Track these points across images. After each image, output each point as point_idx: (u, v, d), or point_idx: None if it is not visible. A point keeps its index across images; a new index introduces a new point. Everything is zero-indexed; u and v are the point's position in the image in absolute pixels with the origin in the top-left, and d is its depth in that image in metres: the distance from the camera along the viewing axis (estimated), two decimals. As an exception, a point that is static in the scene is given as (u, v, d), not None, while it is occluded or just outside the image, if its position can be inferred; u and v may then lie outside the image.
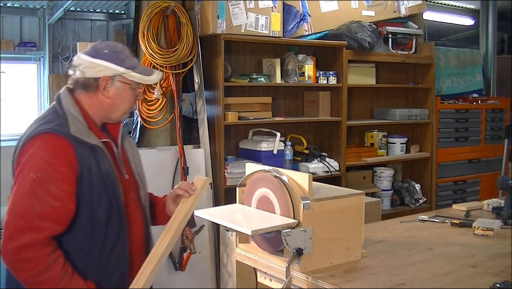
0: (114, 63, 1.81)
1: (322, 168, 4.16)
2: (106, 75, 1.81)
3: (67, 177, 1.69)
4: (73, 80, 1.86)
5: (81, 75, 1.81)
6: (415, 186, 4.83)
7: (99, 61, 1.80)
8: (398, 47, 4.64)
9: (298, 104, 4.42)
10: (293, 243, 1.71)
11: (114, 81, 1.83)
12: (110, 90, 1.83)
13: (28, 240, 1.61)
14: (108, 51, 1.83)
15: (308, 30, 4.09)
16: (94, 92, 1.82)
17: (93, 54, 1.82)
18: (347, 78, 4.26)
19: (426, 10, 4.91)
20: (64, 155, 1.69)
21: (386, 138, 4.73)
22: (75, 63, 1.85)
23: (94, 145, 1.77)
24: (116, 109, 1.87)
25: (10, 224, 1.63)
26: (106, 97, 1.83)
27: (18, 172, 1.70)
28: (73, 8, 6.41)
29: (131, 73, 1.84)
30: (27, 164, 1.68)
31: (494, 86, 6.40)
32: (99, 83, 1.81)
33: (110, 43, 1.95)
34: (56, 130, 1.71)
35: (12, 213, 1.65)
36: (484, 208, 2.82)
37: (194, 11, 3.76)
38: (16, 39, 6.28)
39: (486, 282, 1.71)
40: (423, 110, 4.85)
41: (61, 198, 1.67)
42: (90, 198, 1.74)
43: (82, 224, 1.74)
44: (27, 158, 1.69)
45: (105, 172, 1.78)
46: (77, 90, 1.84)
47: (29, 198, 1.64)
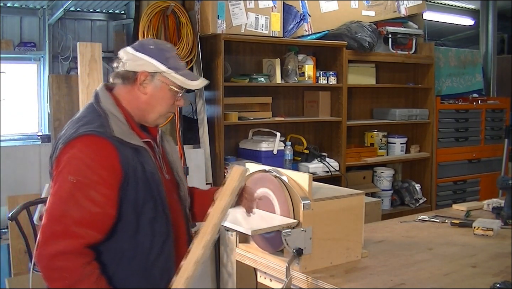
0: (157, 60, 1.73)
1: (322, 168, 4.16)
2: (145, 70, 1.73)
3: (108, 181, 1.60)
4: (114, 73, 1.79)
5: (122, 67, 1.75)
6: (415, 186, 4.83)
7: (141, 55, 1.73)
8: (398, 47, 4.64)
9: (298, 104, 4.42)
10: (293, 243, 1.71)
11: (153, 79, 1.74)
12: (148, 87, 1.74)
13: (63, 247, 1.53)
14: (154, 47, 1.76)
15: (308, 30, 4.09)
16: (131, 86, 1.74)
17: (137, 48, 1.76)
18: (347, 78, 4.26)
19: (426, 10, 4.91)
20: (106, 158, 1.61)
21: (386, 138, 4.74)
22: (119, 56, 1.78)
23: (137, 146, 1.70)
24: (152, 110, 1.77)
25: (47, 228, 1.56)
26: (142, 93, 1.74)
27: (57, 174, 1.62)
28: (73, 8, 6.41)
29: (173, 74, 1.74)
30: (67, 167, 1.60)
31: (494, 86, 6.39)
32: (137, 77, 1.73)
33: (159, 41, 1.90)
34: (98, 132, 1.63)
35: (49, 218, 1.58)
36: (484, 208, 2.82)
37: (194, 11, 3.76)
38: (16, 39, 6.27)
39: (486, 282, 1.71)
40: (423, 110, 4.85)
41: (101, 203, 1.59)
42: (135, 201, 1.65)
43: (126, 229, 1.65)
44: (67, 160, 1.61)
45: (150, 173, 1.70)
46: (117, 85, 1.78)
47: (67, 203, 1.57)
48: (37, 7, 6.28)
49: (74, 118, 1.74)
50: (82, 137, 1.62)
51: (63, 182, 1.59)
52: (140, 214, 1.66)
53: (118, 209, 1.62)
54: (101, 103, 1.73)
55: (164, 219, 1.72)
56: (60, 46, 6.42)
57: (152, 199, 1.69)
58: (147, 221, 1.67)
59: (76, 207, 1.56)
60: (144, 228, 1.67)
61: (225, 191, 1.76)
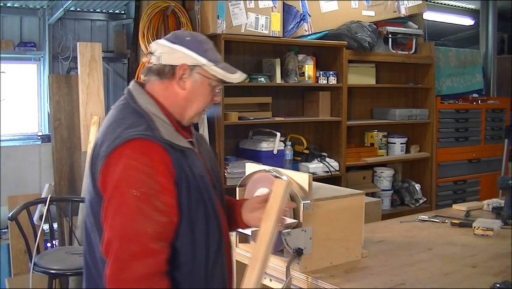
0: (196, 52, 1.59)
1: (322, 168, 4.16)
2: (184, 63, 1.58)
3: (168, 187, 1.47)
4: (146, 68, 1.64)
5: (157, 62, 1.60)
6: (415, 186, 4.83)
7: (178, 47, 1.59)
8: (398, 47, 4.65)
9: (298, 104, 4.42)
10: (293, 243, 1.71)
11: (192, 72, 1.60)
12: (187, 82, 1.60)
13: (146, 268, 1.38)
14: (191, 38, 1.63)
15: (308, 30, 4.09)
16: (169, 80, 1.60)
17: (173, 40, 1.61)
18: (347, 78, 4.26)
19: (426, 10, 4.91)
20: (161, 163, 1.46)
21: (386, 138, 4.74)
22: (151, 49, 1.63)
23: (185, 148, 1.56)
24: (190, 106, 1.62)
25: (122, 251, 1.38)
26: (181, 88, 1.60)
27: (113, 188, 1.44)
28: (73, 8, 6.41)
29: (213, 67, 1.61)
30: (123, 179, 1.43)
31: (494, 86, 6.39)
32: (176, 71, 1.58)
33: (194, 32, 1.75)
34: (148, 136, 1.47)
35: (122, 239, 1.39)
36: (484, 208, 2.82)
37: (194, 11, 3.76)
38: (16, 39, 6.28)
39: (486, 282, 1.71)
40: (423, 110, 4.85)
41: (166, 212, 1.45)
42: (188, 207, 1.51)
43: (184, 237, 1.51)
44: (121, 171, 1.43)
45: (199, 176, 1.56)
46: (150, 81, 1.63)
47: (137, 219, 1.40)
48: (37, 7, 6.29)
49: (111, 122, 1.56)
50: (131, 142, 1.46)
51: (124, 196, 1.42)
52: (194, 221, 1.53)
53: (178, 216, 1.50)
54: (139, 102, 1.58)
55: (216, 225, 1.59)
56: (60, 46, 6.42)
57: (204, 203, 1.56)
58: (201, 228, 1.54)
59: (148, 221, 1.41)
60: (199, 236, 1.54)
61: (271, 210, 1.62)
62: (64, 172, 3.96)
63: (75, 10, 6.53)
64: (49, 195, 3.35)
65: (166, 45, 1.60)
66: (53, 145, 3.99)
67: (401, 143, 4.79)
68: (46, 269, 2.84)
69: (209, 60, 1.61)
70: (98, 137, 1.55)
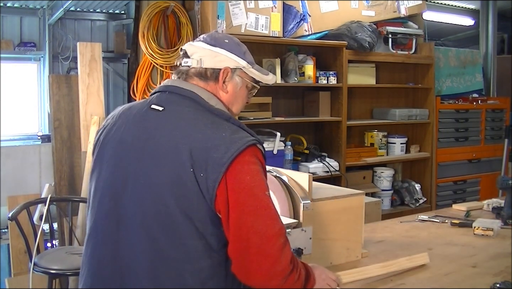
0: (237, 54, 1.61)
1: (322, 168, 4.16)
2: (227, 66, 1.59)
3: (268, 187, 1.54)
4: (182, 72, 1.60)
5: (197, 65, 1.57)
6: (415, 186, 4.83)
7: (220, 50, 1.59)
8: (398, 47, 4.65)
9: (298, 104, 4.42)
10: (293, 243, 1.71)
11: (234, 75, 1.61)
12: (229, 85, 1.60)
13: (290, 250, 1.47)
14: (229, 41, 1.63)
15: (308, 30, 4.09)
16: (213, 84, 1.59)
17: (212, 43, 1.60)
18: (347, 78, 4.26)
19: (426, 10, 4.91)
20: (265, 165, 1.54)
21: (386, 138, 4.73)
22: (188, 52, 1.60)
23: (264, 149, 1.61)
24: (231, 109, 1.65)
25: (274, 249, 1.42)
26: (224, 91, 1.60)
27: (247, 194, 1.43)
28: (73, 8, 6.42)
29: (251, 69, 1.64)
30: (254, 184, 1.45)
31: (494, 86, 6.40)
32: (220, 74, 1.58)
33: (228, 34, 1.73)
34: (255, 140, 1.51)
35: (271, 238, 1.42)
36: (484, 208, 2.82)
37: (194, 11, 3.76)
38: (16, 39, 6.28)
39: (486, 282, 1.71)
40: (423, 110, 4.85)
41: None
42: None
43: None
44: (251, 177, 1.45)
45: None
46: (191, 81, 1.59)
47: (275, 217, 1.46)
48: (37, 7, 6.29)
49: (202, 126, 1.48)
50: (248, 149, 1.47)
51: (261, 200, 1.44)
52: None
53: None
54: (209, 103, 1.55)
55: None
56: (60, 46, 6.43)
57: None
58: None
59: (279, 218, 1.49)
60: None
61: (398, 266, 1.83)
62: (64, 172, 3.96)
63: (75, 10, 6.53)
64: (49, 195, 3.35)
65: (207, 48, 1.58)
66: (53, 145, 3.99)
67: (401, 143, 4.79)
68: (46, 269, 2.84)
69: (248, 62, 1.64)
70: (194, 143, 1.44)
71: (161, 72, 3.61)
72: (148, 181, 1.46)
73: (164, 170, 1.45)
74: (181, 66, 1.60)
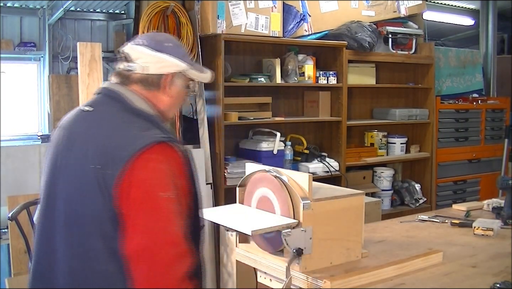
0: (178, 58, 1.62)
1: (322, 168, 4.16)
2: (170, 72, 1.61)
3: (186, 190, 1.50)
4: (123, 75, 1.60)
5: (141, 71, 1.58)
6: (415, 186, 4.83)
7: (164, 56, 1.60)
8: (398, 47, 4.65)
9: (298, 104, 4.42)
10: (293, 243, 1.71)
11: (176, 79, 1.63)
12: (172, 89, 1.63)
13: (187, 268, 1.40)
14: (172, 45, 1.64)
15: (308, 30, 4.09)
16: (156, 90, 1.61)
17: (156, 48, 1.60)
18: (347, 78, 4.26)
19: (426, 10, 4.91)
20: (180, 166, 1.48)
21: (386, 138, 4.74)
22: (131, 56, 1.60)
23: (186, 152, 1.56)
24: (171, 110, 1.68)
25: (162, 256, 1.36)
26: (167, 96, 1.63)
27: (142, 193, 1.40)
28: (73, 8, 6.41)
29: (191, 70, 1.66)
30: (153, 183, 1.41)
31: (494, 86, 6.40)
32: (163, 80, 1.61)
33: (167, 35, 1.75)
34: (166, 138, 1.47)
35: (160, 243, 1.37)
36: (484, 208, 2.82)
37: (194, 11, 3.76)
38: (16, 39, 6.27)
39: (486, 282, 1.71)
40: (423, 110, 4.85)
41: (187, 214, 1.49)
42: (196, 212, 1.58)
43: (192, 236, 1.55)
44: (149, 175, 1.41)
45: (196, 180, 1.59)
46: (130, 87, 1.59)
47: (172, 222, 1.41)
48: (37, 7, 6.28)
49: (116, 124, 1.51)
50: (154, 146, 1.43)
51: (156, 201, 1.40)
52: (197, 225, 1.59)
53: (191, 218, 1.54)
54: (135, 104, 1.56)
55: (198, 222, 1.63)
56: (60, 46, 6.42)
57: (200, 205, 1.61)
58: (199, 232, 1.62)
59: (179, 223, 1.43)
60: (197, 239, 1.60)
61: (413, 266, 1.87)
62: (64, 172, 3.96)
63: (75, 10, 6.53)
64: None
65: (150, 54, 1.59)
66: (53, 144, 3.98)
67: (401, 144, 4.79)
68: (46, 269, 2.84)
69: (188, 64, 1.65)
70: (102, 140, 1.47)
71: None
72: (68, 181, 1.50)
73: (78, 169, 1.48)
74: (122, 69, 1.61)
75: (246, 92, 4.00)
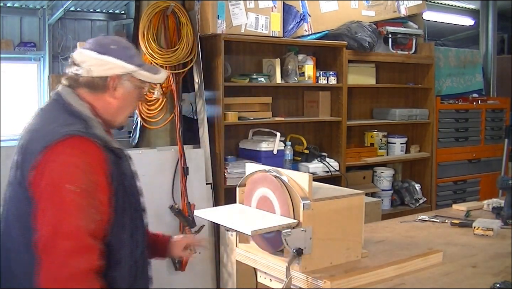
0: (124, 60, 1.64)
1: (322, 168, 4.16)
2: (115, 73, 1.62)
3: (104, 185, 1.50)
4: (72, 79, 1.64)
5: (87, 74, 1.61)
6: (415, 186, 4.83)
7: (108, 58, 1.61)
8: (398, 47, 4.65)
9: (298, 104, 4.42)
10: (293, 243, 1.71)
11: (122, 81, 1.64)
12: (119, 91, 1.64)
13: (84, 265, 1.39)
14: (117, 47, 1.65)
15: (308, 30, 4.09)
16: (102, 93, 1.63)
17: (100, 50, 1.62)
18: (347, 78, 4.26)
19: (426, 10, 4.91)
20: (98, 161, 1.49)
21: (386, 138, 4.74)
22: (77, 60, 1.63)
23: (117, 148, 1.60)
24: (122, 113, 1.69)
25: (59, 248, 1.38)
26: (114, 98, 1.64)
27: (50, 186, 1.43)
28: (73, 8, 6.42)
29: (140, 71, 1.67)
30: (62, 176, 1.43)
31: (494, 86, 6.40)
32: (108, 83, 1.62)
33: (115, 38, 1.76)
34: (84, 133, 1.50)
35: (59, 235, 1.39)
36: (484, 208, 2.82)
37: (194, 11, 3.76)
38: (16, 39, 6.28)
39: (486, 282, 1.71)
40: (423, 110, 4.85)
41: (101, 211, 1.48)
42: (122, 207, 1.56)
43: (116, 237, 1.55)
44: (58, 167, 1.44)
45: (129, 178, 1.61)
46: (78, 91, 1.63)
47: (75, 215, 1.41)
48: (37, 7, 6.29)
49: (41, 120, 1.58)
50: (68, 139, 1.47)
51: (62, 193, 1.42)
52: (124, 223, 1.58)
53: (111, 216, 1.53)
54: (71, 104, 1.59)
55: (142, 228, 1.64)
56: (60, 46, 6.42)
57: (134, 206, 1.61)
58: (131, 230, 1.59)
59: (84, 218, 1.43)
60: (128, 238, 1.58)
61: (414, 266, 1.86)
62: (64, 172, 3.96)
63: (75, 10, 6.53)
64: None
65: (94, 57, 1.61)
66: (53, 144, 3.98)
67: (401, 143, 4.79)
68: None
69: (136, 65, 1.66)
70: (25, 135, 1.56)
71: (161, 72, 3.61)
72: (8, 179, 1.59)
73: (12, 166, 1.56)
74: (71, 73, 1.65)
75: (246, 92, 4.00)
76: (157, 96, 3.62)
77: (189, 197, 3.55)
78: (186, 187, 3.54)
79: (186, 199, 3.53)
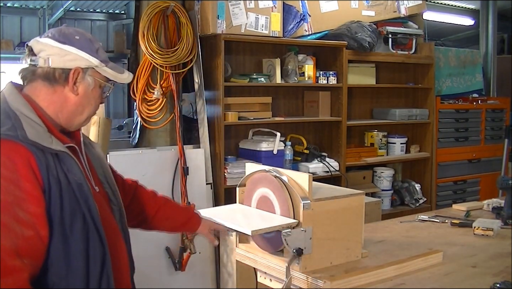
0: (88, 53, 1.48)
1: (322, 168, 4.16)
2: (78, 66, 1.47)
3: (33, 194, 1.32)
4: (28, 70, 1.48)
5: (44, 64, 1.45)
6: (415, 186, 4.83)
7: (70, 48, 1.46)
8: (398, 47, 4.64)
9: (298, 104, 4.42)
10: (293, 243, 1.71)
11: (85, 75, 1.49)
12: (80, 86, 1.49)
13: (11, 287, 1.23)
14: (80, 37, 1.49)
15: (308, 30, 4.09)
16: (60, 86, 1.47)
17: (61, 40, 1.47)
18: (347, 78, 4.26)
19: (426, 10, 4.91)
20: (25, 167, 1.31)
21: (386, 138, 4.74)
22: (34, 49, 1.47)
23: (58, 151, 1.41)
24: (81, 112, 1.53)
25: None
26: (74, 94, 1.49)
27: None
28: (73, 8, 6.42)
29: (104, 67, 1.52)
30: None
31: (494, 86, 6.40)
32: (69, 75, 1.46)
33: (79, 29, 1.57)
34: (10, 136, 1.33)
35: None
36: (484, 208, 2.82)
37: (194, 11, 3.76)
38: (16, 39, 6.29)
39: (486, 282, 1.71)
40: (423, 110, 4.85)
41: (31, 224, 1.30)
42: (61, 220, 1.37)
43: (56, 254, 1.36)
44: None
45: (76, 184, 1.41)
46: (33, 84, 1.48)
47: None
48: (37, 7, 6.30)
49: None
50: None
51: None
52: (69, 235, 1.38)
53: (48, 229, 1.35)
54: (9, 103, 1.43)
55: (98, 239, 1.44)
56: (60, 46, 6.42)
57: (82, 215, 1.41)
58: (78, 243, 1.40)
59: (7, 233, 1.25)
60: (76, 252, 1.39)
61: (413, 266, 1.86)
62: (64, 172, 3.95)
63: (75, 10, 6.54)
64: None
65: (55, 46, 1.46)
66: (53, 144, 3.98)
67: (401, 143, 4.79)
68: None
69: (101, 60, 1.52)
70: None
71: (161, 72, 3.61)
72: None
73: None
74: (27, 64, 1.49)
75: (246, 92, 4.00)
76: (157, 96, 3.62)
77: (189, 197, 3.55)
78: (186, 187, 3.55)
79: (186, 199, 3.53)
